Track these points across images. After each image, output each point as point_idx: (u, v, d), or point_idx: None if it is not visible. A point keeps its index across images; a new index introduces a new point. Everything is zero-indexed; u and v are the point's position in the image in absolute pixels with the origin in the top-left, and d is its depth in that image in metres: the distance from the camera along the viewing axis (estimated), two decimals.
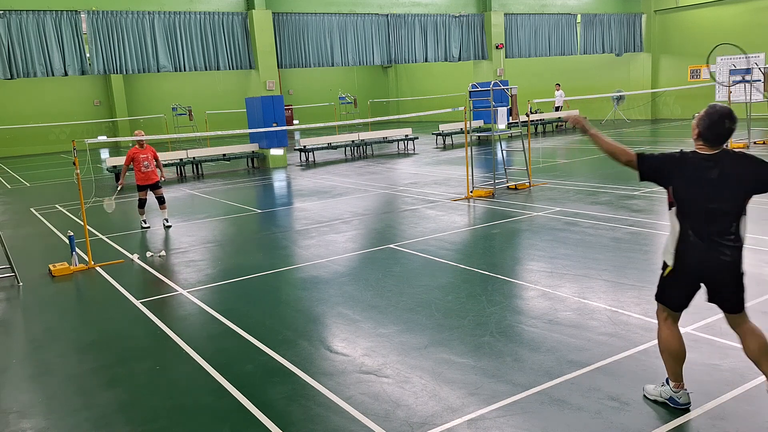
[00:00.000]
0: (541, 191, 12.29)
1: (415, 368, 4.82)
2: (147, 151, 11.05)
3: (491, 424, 3.96)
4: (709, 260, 3.71)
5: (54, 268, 8.51)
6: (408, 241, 8.97)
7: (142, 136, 11.03)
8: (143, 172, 11.01)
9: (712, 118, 3.60)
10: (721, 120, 3.59)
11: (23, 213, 13.99)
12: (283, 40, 20.46)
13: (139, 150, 11.00)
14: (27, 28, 16.58)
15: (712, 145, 3.64)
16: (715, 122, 3.59)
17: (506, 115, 14.56)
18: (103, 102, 36.78)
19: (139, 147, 11.04)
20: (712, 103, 3.71)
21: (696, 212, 3.67)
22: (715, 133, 3.61)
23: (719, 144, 3.65)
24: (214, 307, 6.69)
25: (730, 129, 3.60)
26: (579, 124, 4.04)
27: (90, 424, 4.40)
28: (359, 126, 30.13)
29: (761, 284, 6.15)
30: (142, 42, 18.10)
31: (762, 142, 17.01)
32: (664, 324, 3.98)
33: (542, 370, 4.62)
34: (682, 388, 3.98)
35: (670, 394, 3.99)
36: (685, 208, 3.70)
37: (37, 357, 5.75)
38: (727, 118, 3.59)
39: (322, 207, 12.34)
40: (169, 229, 11.18)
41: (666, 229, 4.08)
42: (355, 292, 6.87)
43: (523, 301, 6.21)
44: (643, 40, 29.27)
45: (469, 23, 24.50)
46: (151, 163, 11.04)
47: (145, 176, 11.05)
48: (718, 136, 3.61)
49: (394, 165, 19.10)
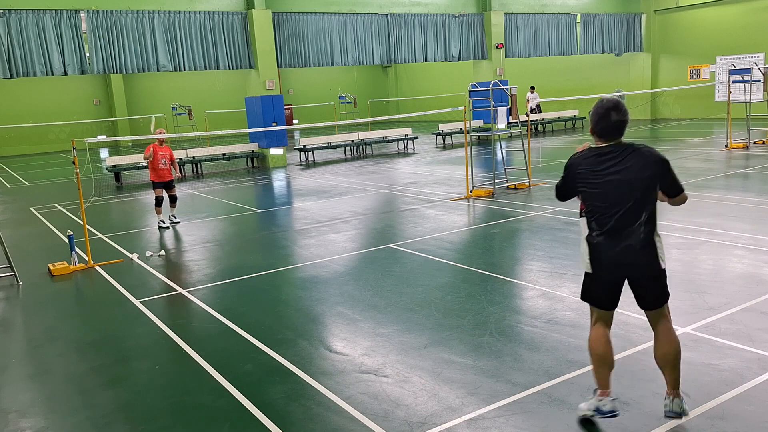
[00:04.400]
0: (541, 191, 12.29)
1: (415, 368, 4.82)
2: (165, 150, 11.26)
3: (491, 424, 3.96)
4: (618, 257, 3.63)
5: (53, 267, 8.51)
6: (407, 241, 8.97)
7: (164, 135, 11.23)
8: (160, 168, 11.15)
9: (599, 112, 3.60)
10: (607, 113, 3.56)
11: (23, 212, 13.98)
12: (283, 39, 20.45)
13: (158, 147, 11.19)
14: (27, 27, 16.57)
15: (605, 139, 3.63)
16: (602, 116, 3.58)
17: (506, 115, 14.56)
18: (103, 101, 36.77)
19: (159, 144, 11.21)
20: (602, 97, 3.73)
21: (599, 209, 3.64)
22: (603, 127, 3.59)
23: (611, 137, 3.62)
24: (213, 306, 6.69)
25: (618, 121, 3.56)
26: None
27: (90, 423, 4.40)
28: (359, 126, 30.12)
29: (761, 284, 6.15)
30: (141, 41, 18.09)
31: (762, 142, 17.02)
32: (593, 326, 3.89)
33: (542, 370, 4.63)
34: (607, 396, 3.76)
35: (596, 405, 3.78)
36: (590, 207, 3.69)
37: (36, 356, 5.75)
38: (614, 110, 3.56)
39: (321, 206, 12.34)
40: (176, 224, 11.31)
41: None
42: (355, 291, 6.87)
43: (522, 301, 6.21)
44: (643, 40, 29.27)
45: (469, 23, 24.50)
46: (168, 161, 11.22)
47: (161, 173, 11.17)
48: (607, 129, 3.59)
49: (394, 165, 19.10)
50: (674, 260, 7.13)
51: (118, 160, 19.34)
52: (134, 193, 16.37)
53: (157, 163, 11.11)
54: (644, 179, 3.57)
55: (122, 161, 19.30)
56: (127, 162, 19.25)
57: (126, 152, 29.17)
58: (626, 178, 3.56)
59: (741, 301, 5.69)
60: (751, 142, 16.74)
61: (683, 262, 7.07)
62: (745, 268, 6.73)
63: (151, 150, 11.06)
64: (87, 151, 11.15)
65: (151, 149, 11.08)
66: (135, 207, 14.21)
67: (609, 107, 3.57)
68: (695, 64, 27.87)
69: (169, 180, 11.31)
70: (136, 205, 14.49)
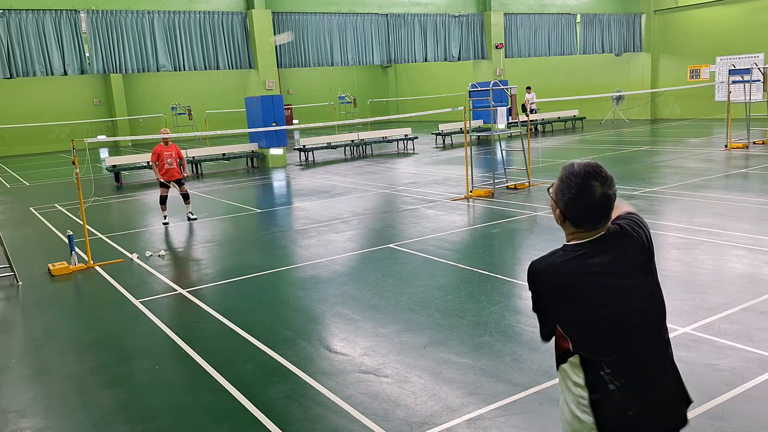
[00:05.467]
0: (541, 191, 12.29)
1: (415, 368, 4.82)
2: (171, 148, 11.30)
3: (490, 424, 3.96)
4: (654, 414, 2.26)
5: (53, 267, 8.51)
6: (407, 241, 8.97)
7: (167, 134, 11.25)
8: (166, 168, 11.21)
9: (571, 184, 2.21)
10: (587, 185, 2.19)
11: (23, 212, 13.98)
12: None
13: (164, 147, 11.24)
14: (26, 27, 16.56)
15: (589, 227, 2.24)
16: (578, 192, 2.19)
17: (506, 115, 14.57)
18: (103, 101, 36.76)
19: (164, 144, 11.24)
20: (568, 163, 2.27)
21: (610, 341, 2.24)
22: (582, 209, 2.21)
23: (596, 223, 2.23)
24: (213, 306, 6.69)
25: (604, 195, 2.19)
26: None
27: (89, 423, 4.40)
28: (359, 126, 30.12)
29: (761, 284, 6.15)
30: (141, 41, 18.09)
31: (761, 142, 17.02)
32: None
33: (541, 370, 4.63)
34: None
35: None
36: (590, 343, 2.25)
37: (36, 356, 5.75)
38: (594, 178, 2.19)
39: (321, 206, 12.34)
40: (194, 221, 11.48)
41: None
42: (355, 291, 6.87)
43: (522, 301, 6.21)
44: (643, 40, 29.27)
45: (468, 23, 24.50)
46: (174, 161, 11.26)
47: (168, 173, 11.24)
48: (590, 211, 2.21)
49: (394, 165, 19.09)
50: (674, 260, 7.13)
51: (118, 160, 19.34)
52: (134, 193, 16.36)
53: (162, 164, 11.18)
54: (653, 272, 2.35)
55: (122, 161, 19.31)
56: (127, 162, 19.26)
57: (126, 152, 29.16)
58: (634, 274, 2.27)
59: (741, 301, 5.69)
60: (751, 142, 16.73)
61: (683, 262, 7.07)
62: (744, 268, 6.73)
63: (156, 153, 11.18)
64: (87, 151, 11.16)
65: (157, 153, 11.18)
66: (135, 207, 14.21)
67: (587, 174, 2.20)
68: (695, 64, 27.87)
69: (178, 178, 11.39)
70: (136, 205, 14.49)
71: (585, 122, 28.73)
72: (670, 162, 14.52)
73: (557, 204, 2.28)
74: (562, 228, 2.32)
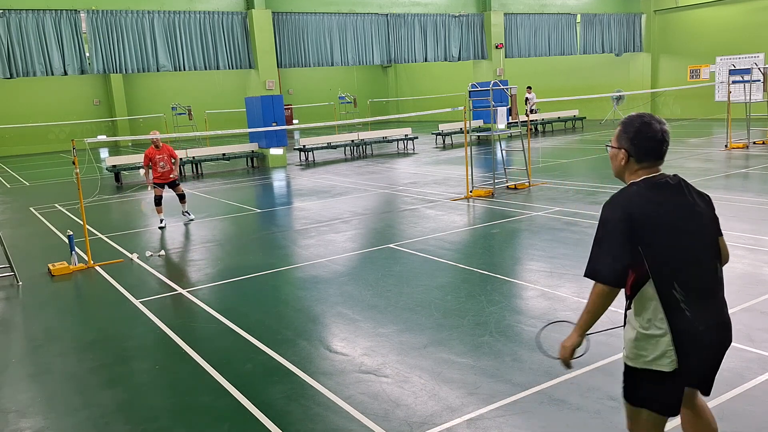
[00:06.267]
0: (541, 191, 12.29)
1: (415, 368, 4.82)
2: (163, 151, 11.14)
3: (490, 424, 3.96)
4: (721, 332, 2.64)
5: (53, 267, 8.51)
6: (407, 241, 8.97)
7: (157, 136, 11.12)
8: (160, 172, 11.15)
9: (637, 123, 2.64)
10: (646, 120, 2.63)
11: (23, 212, 13.98)
12: (283, 39, 20.45)
13: (155, 151, 11.08)
14: (26, 27, 16.56)
15: (651, 162, 2.64)
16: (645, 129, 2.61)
17: (506, 115, 14.56)
18: (103, 101, 36.77)
19: (155, 148, 11.09)
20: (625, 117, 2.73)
21: (685, 267, 2.56)
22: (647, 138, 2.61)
23: (660, 155, 2.65)
24: (213, 306, 6.69)
25: (663, 130, 2.63)
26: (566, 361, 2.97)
27: (89, 423, 4.40)
28: (359, 126, 30.12)
29: (761, 284, 6.15)
30: (141, 41, 18.09)
31: (761, 142, 17.02)
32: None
33: (541, 370, 4.62)
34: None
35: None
36: (661, 269, 2.54)
37: (36, 356, 5.75)
38: (652, 118, 2.63)
39: (321, 206, 12.34)
40: (191, 221, 11.45)
41: None
42: (355, 291, 6.87)
43: (522, 301, 6.21)
44: (643, 40, 29.27)
45: (468, 23, 24.50)
46: (167, 163, 11.17)
47: (162, 176, 11.20)
48: (654, 140, 2.61)
49: (394, 165, 19.09)
50: None
51: (117, 160, 19.35)
52: (134, 193, 16.36)
53: (156, 167, 11.11)
54: (715, 221, 2.75)
55: (122, 161, 19.32)
56: (126, 162, 19.26)
57: (126, 152, 29.16)
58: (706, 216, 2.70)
59: (741, 301, 5.69)
60: (751, 142, 16.73)
61: None
62: (745, 268, 6.72)
63: (148, 158, 11.05)
64: (87, 151, 11.15)
65: (148, 157, 11.05)
66: (135, 207, 14.21)
67: (644, 115, 2.64)
68: (695, 64, 27.87)
69: (173, 180, 11.34)
70: (136, 205, 14.49)
71: (585, 122, 28.73)
72: (671, 162, 14.51)
73: (620, 144, 2.65)
74: (624, 173, 2.69)
